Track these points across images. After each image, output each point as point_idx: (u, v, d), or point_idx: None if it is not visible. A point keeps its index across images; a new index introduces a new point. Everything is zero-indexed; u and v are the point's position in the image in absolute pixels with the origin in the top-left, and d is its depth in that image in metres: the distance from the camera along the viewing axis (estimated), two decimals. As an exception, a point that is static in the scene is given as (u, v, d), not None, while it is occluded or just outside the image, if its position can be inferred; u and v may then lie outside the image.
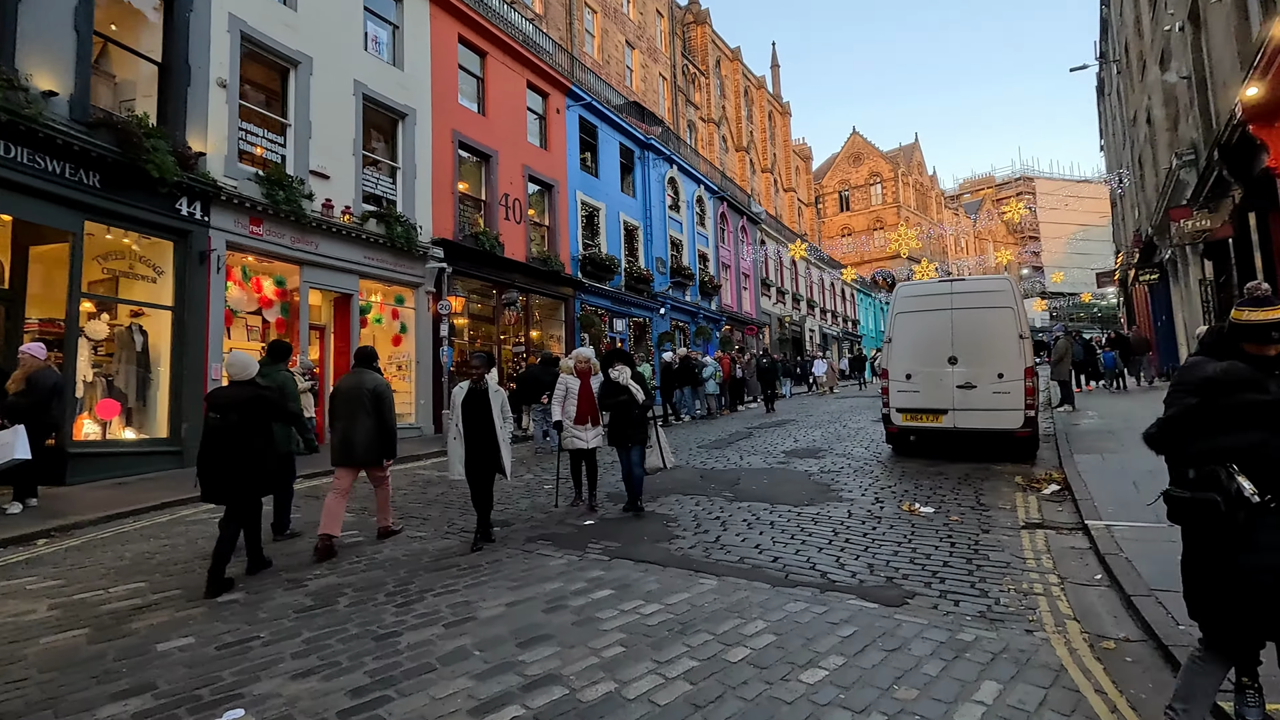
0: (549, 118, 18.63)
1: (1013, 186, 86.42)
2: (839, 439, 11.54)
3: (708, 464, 9.46)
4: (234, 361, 4.87)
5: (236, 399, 4.67)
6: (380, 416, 5.65)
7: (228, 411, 4.62)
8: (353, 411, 5.62)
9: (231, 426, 4.58)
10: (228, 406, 4.65)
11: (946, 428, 8.89)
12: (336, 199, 12.09)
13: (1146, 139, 17.78)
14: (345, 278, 12.30)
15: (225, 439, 4.58)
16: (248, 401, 4.70)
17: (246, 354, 4.98)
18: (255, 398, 4.75)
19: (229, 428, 4.58)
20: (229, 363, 4.89)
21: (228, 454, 4.57)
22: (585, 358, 7.06)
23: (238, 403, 4.66)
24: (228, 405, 4.65)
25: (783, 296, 36.70)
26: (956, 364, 8.83)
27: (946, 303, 9.02)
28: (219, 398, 4.76)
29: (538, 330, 17.97)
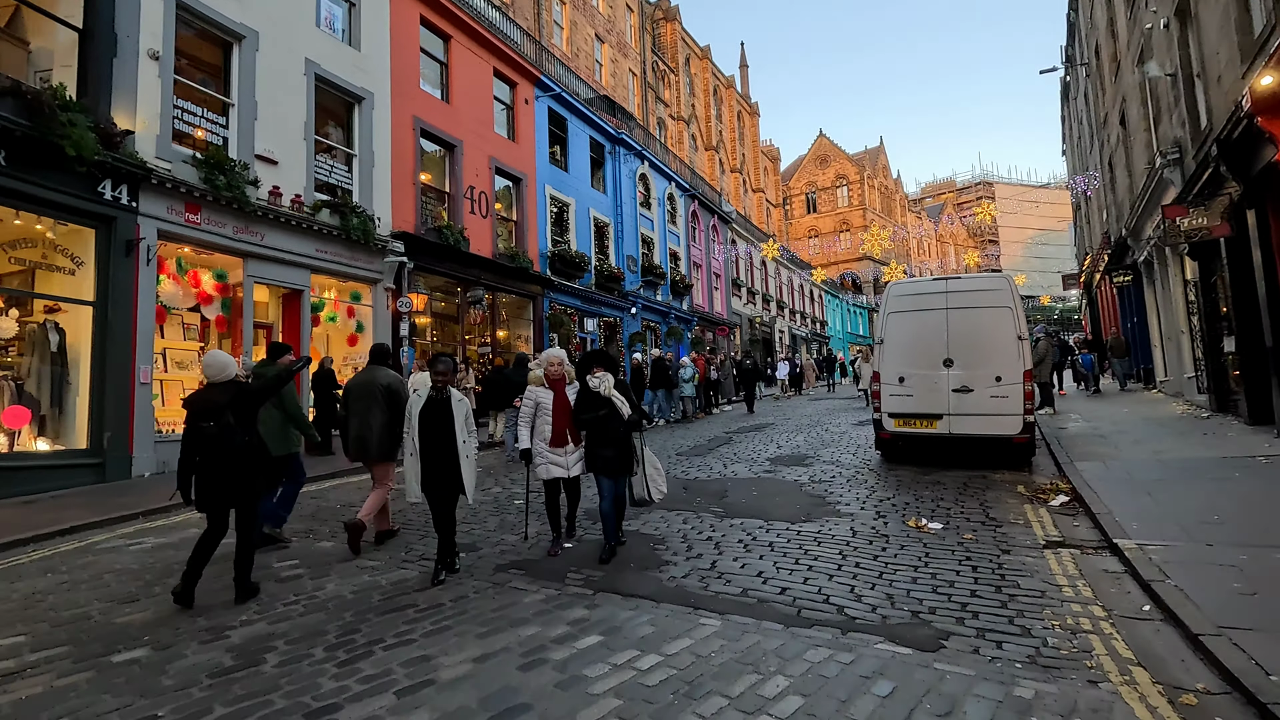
0: (517, 108, 17.82)
1: (973, 191, 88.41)
2: (824, 444, 11.03)
3: (690, 473, 8.84)
4: (211, 362, 4.60)
5: (219, 402, 4.44)
6: (395, 412, 5.60)
7: (216, 415, 4.40)
8: (366, 407, 5.67)
9: (221, 431, 4.38)
10: (213, 411, 4.41)
11: (941, 434, 8.43)
12: (285, 186, 11.14)
13: (1119, 141, 17.79)
14: (295, 272, 11.35)
15: (216, 444, 4.37)
16: (233, 401, 4.48)
17: (224, 353, 4.76)
18: (239, 395, 4.55)
19: (219, 433, 4.38)
20: (206, 364, 4.64)
21: (222, 459, 4.37)
22: (558, 360, 5.53)
23: (223, 406, 4.43)
24: (214, 409, 4.41)
25: (753, 297, 36.39)
26: (952, 366, 8.37)
27: (941, 302, 8.55)
28: (201, 403, 4.49)
29: (504, 330, 17.14)
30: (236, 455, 4.41)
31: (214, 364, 4.59)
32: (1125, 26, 15.31)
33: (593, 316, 20.47)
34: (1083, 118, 25.80)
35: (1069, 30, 26.33)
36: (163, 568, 5.21)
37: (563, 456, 5.40)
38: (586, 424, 5.29)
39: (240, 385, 4.70)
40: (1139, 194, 15.15)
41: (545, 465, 5.37)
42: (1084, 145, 26.49)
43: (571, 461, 5.42)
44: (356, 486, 8.67)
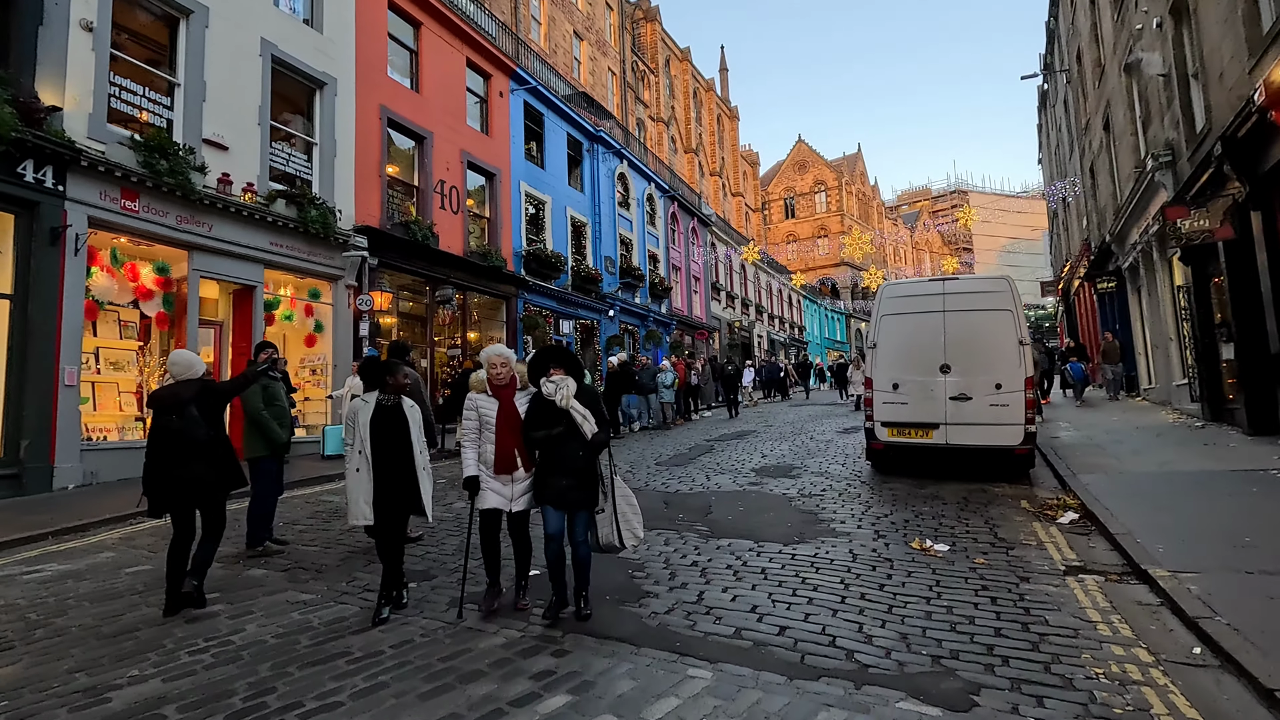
0: (491, 101, 17.13)
1: (948, 199, 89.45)
2: (809, 454, 10.51)
3: (671, 486, 8.23)
4: (177, 360, 4.55)
5: (184, 396, 4.34)
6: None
7: (179, 409, 4.30)
8: None
9: (184, 424, 4.28)
10: (176, 405, 4.30)
11: (938, 444, 7.93)
12: (237, 174, 10.33)
13: (1102, 146, 17.65)
14: (247, 266, 10.54)
15: (179, 438, 4.26)
16: (197, 396, 4.38)
17: (190, 352, 4.76)
18: (204, 391, 4.46)
19: (182, 426, 4.27)
20: (172, 361, 4.57)
21: (184, 454, 4.26)
22: (501, 360, 4.24)
23: (187, 400, 4.33)
24: (176, 404, 4.31)
25: (733, 301, 36.00)
26: (949, 373, 7.89)
27: (938, 304, 8.07)
28: (165, 398, 4.37)
29: (475, 331, 16.40)
30: (199, 449, 4.28)
31: (180, 361, 4.52)
32: (1111, 30, 15.12)
33: (569, 319, 19.81)
34: (1062, 125, 25.82)
35: (1048, 38, 26.36)
36: (55, 604, 4.45)
37: (506, 485, 4.16)
38: (540, 443, 4.08)
39: (206, 382, 4.58)
40: (1125, 199, 14.94)
41: (484, 493, 4.17)
42: (1063, 152, 26.52)
43: (518, 492, 4.18)
44: (305, 500, 7.92)
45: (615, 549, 4.23)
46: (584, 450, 4.06)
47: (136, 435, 9.48)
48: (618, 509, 4.22)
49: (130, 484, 8.64)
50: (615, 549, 4.23)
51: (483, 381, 4.33)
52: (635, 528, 4.29)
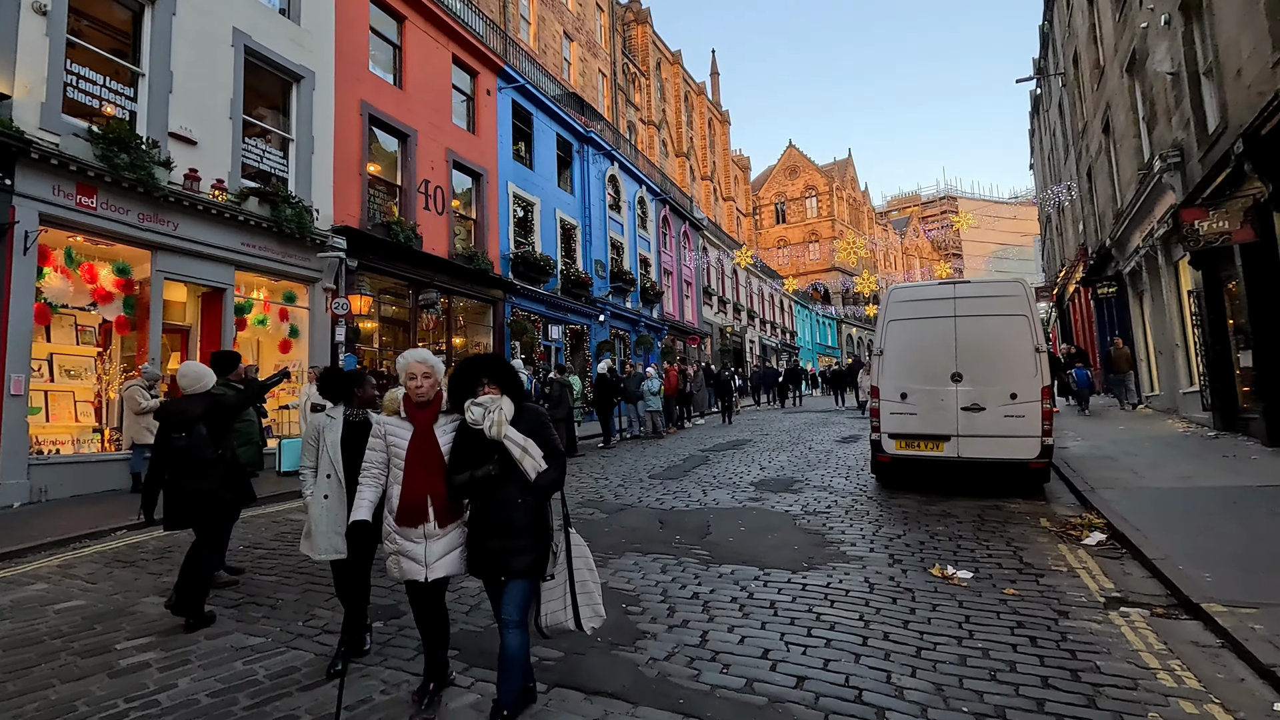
0: (478, 99, 16.62)
1: (937, 205, 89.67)
2: (809, 465, 10.04)
3: (665, 502, 7.72)
4: (186, 372, 4.47)
5: (193, 413, 4.28)
6: None
7: (187, 427, 4.24)
8: None
9: (192, 443, 4.22)
10: (185, 422, 4.25)
11: (949, 457, 7.48)
12: (206, 170, 9.76)
13: (1100, 149, 17.37)
14: (216, 268, 9.95)
15: (186, 457, 4.20)
16: (207, 413, 4.31)
17: (200, 364, 4.66)
18: (213, 407, 4.38)
19: (190, 445, 4.22)
20: (181, 374, 4.48)
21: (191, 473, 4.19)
22: (424, 369, 3.13)
23: (196, 417, 4.26)
24: (186, 421, 4.25)
25: (724, 306, 35.60)
26: (961, 381, 7.45)
27: (949, 308, 7.63)
28: (173, 414, 4.32)
29: (461, 337, 15.85)
30: (206, 467, 4.21)
31: (189, 374, 4.45)
32: (1112, 30, 14.83)
33: (558, 323, 19.29)
34: (1056, 129, 25.63)
35: (1042, 41, 26.20)
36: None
37: (419, 543, 3.01)
38: (467, 489, 2.99)
39: (215, 397, 4.49)
40: (1128, 203, 14.63)
41: (393, 557, 3.09)
42: (1057, 157, 26.32)
43: (434, 554, 3.02)
44: (270, 520, 7.34)
45: (565, 630, 3.09)
46: (525, 495, 2.95)
47: (94, 448, 8.88)
48: (574, 575, 3.06)
49: (84, 501, 8.07)
50: (565, 630, 3.09)
51: (398, 400, 3.19)
52: (596, 601, 3.13)
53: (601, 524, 6.70)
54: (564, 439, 12.13)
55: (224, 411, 4.46)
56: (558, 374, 12.53)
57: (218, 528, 4.38)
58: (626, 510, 7.34)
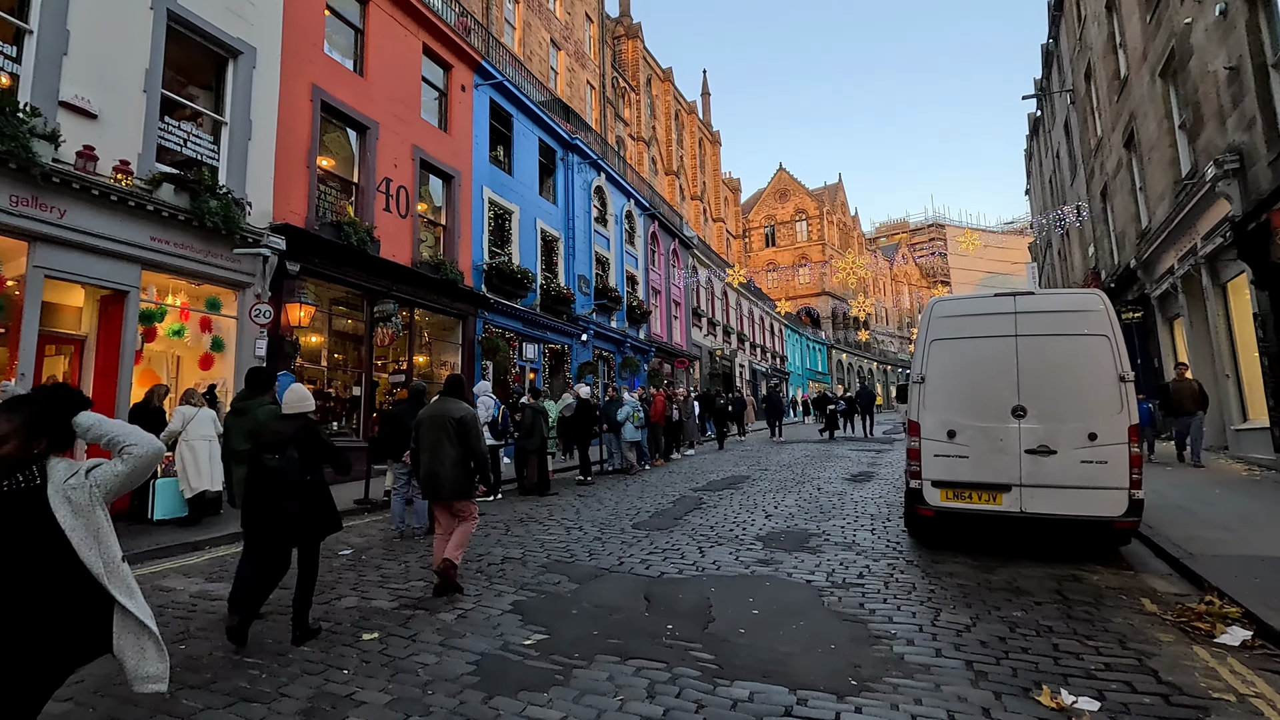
0: (452, 95, 15.18)
1: (926, 232, 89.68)
2: (823, 512, 8.46)
3: (652, 564, 6.09)
4: (292, 394, 4.52)
5: (285, 434, 4.32)
6: (467, 445, 5.33)
7: (280, 448, 4.26)
8: (437, 440, 5.33)
9: (284, 464, 4.22)
10: (278, 443, 4.28)
11: (1009, 512, 5.95)
12: (107, 149, 8.16)
13: (1122, 164, 16.23)
14: (116, 266, 8.29)
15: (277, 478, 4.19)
16: (298, 435, 4.33)
17: (303, 387, 4.68)
18: (306, 429, 4.41)
19: (281, 466, 4.21)
20: (287, 395, 4.52)
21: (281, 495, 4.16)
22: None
23: (288, 439, 4.29)
24: (278, 442, 4.28)
25: (714, 328, 34.19)
26: (1025, 417, 5.95)
27: (1008, 326, 6.16)
28: (266, 434, 4.41)
29: (424, 354, 14.22)
30: (295, 489, 4.21)
31: (293, 395, 4.52)
32: (1140, 35, 13.72)
33: (535, 342, 17.69)
34: (1061, 149, 24.67)
35: (1045, 60, 25.38)
36: None
37: None
38: None
39: (309, 420, 4.54)
40: (1159, 220, 13.40)
41: None
42: (1061, 179, 25.35)
43: None
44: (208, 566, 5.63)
45: None
46: None
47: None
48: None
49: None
50: None
51: None
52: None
53: (568, 601, 5.06)
54: (535, 474, 10.48)
55: (315, 439, 4.44)
56: (531, 399, 10.91)
57: (314, 549, 4.37)
58: (603, 578, 5.71)
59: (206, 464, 7.70)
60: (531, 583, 5.55)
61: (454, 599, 5.11)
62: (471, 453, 5.30)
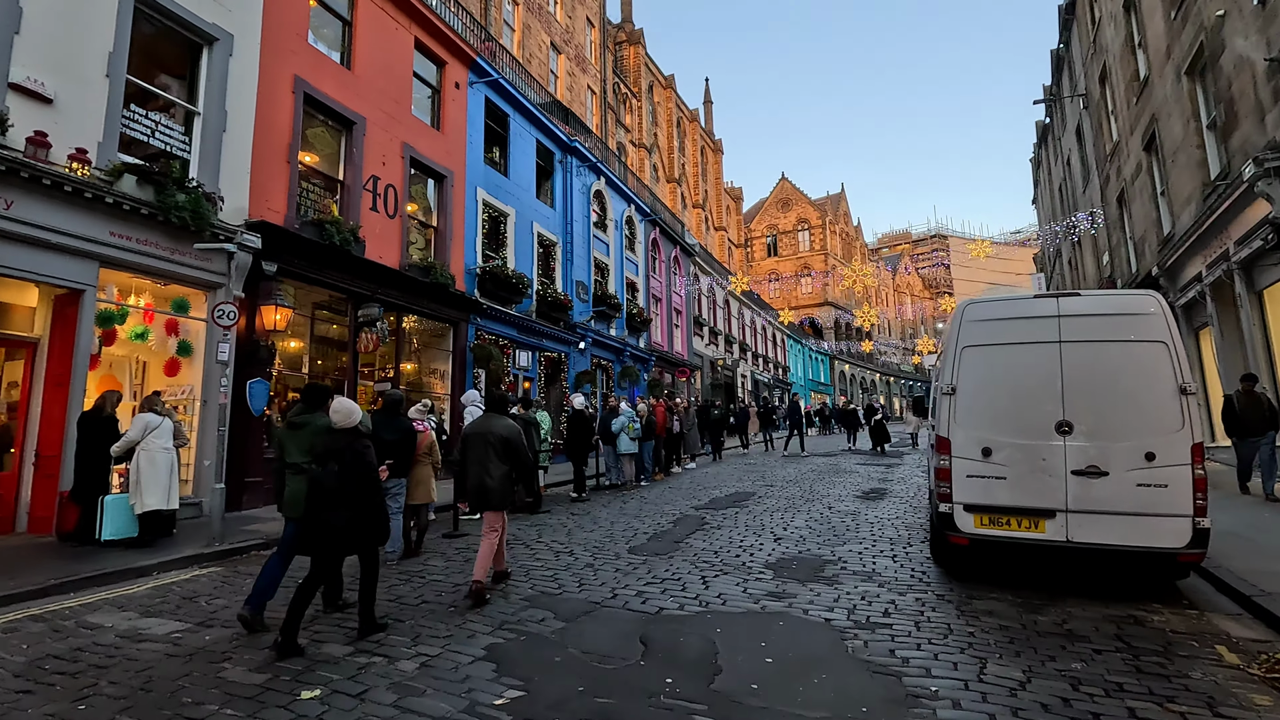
0: (445, 92, 14.60)
1: (929, 243, 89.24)
2: (837, 535, 7.76)
3: (650, 599, 5.38)
4: (339, 408, 4.62)
5: (339, 447, 4.47)
6: (513, 460, 5.57)
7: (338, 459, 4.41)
8: (484, 455, 5.53)
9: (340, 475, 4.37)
10: (328, 454, 4.44)
11: (1053, 542, 5.25)
12: (63, 136, 7.54)
13: (1141, 168, 15.62)
14: (70, 262, 7.65)
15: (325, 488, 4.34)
16: (347, 448, 4.47)
17: (350, 401, 4.81)
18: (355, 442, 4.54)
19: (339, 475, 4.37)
20: (334, 409, 4.63)
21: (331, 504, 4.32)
22: None
23: (342, 451, 4.45)
24: (328, 453, 4.45)
25: (716, 338, 33.54)
26: (1070, 434, 5.27)
27: (1051, 330, 5.49)
28: (319, 446, 4.58)
29: (413, 362, 13.55)
30: (344, 498, 4.35)
31: (340, 410, 4.60)
32: (1164, 32, 13.14)
33: (531, 349, 17.02)
34: (1072, 157, 24.10)
35: (1056, 66, 24.87)
36: None
37: None
38: None
39: (358, 434, 4.62)
40: (1185, 225, 12.76)
41: None
42: (1073, 186, 24.77)
43: None
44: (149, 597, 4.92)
45: None
46: None
47: None
48: None
49: None
50: None
51: None
52: None
53: (552, 646, 4.36)
54: (525, 490, 9.78)
55: (363, 448, 4.55)
56: (522, 409, 10.23)
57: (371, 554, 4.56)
58: (594, 615, 5.01)
59: (165, 478, 7.03)
60: (512, 620, 4.85)
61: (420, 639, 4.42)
62: (518, 466, 5.60)
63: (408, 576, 6.06)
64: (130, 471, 6.86)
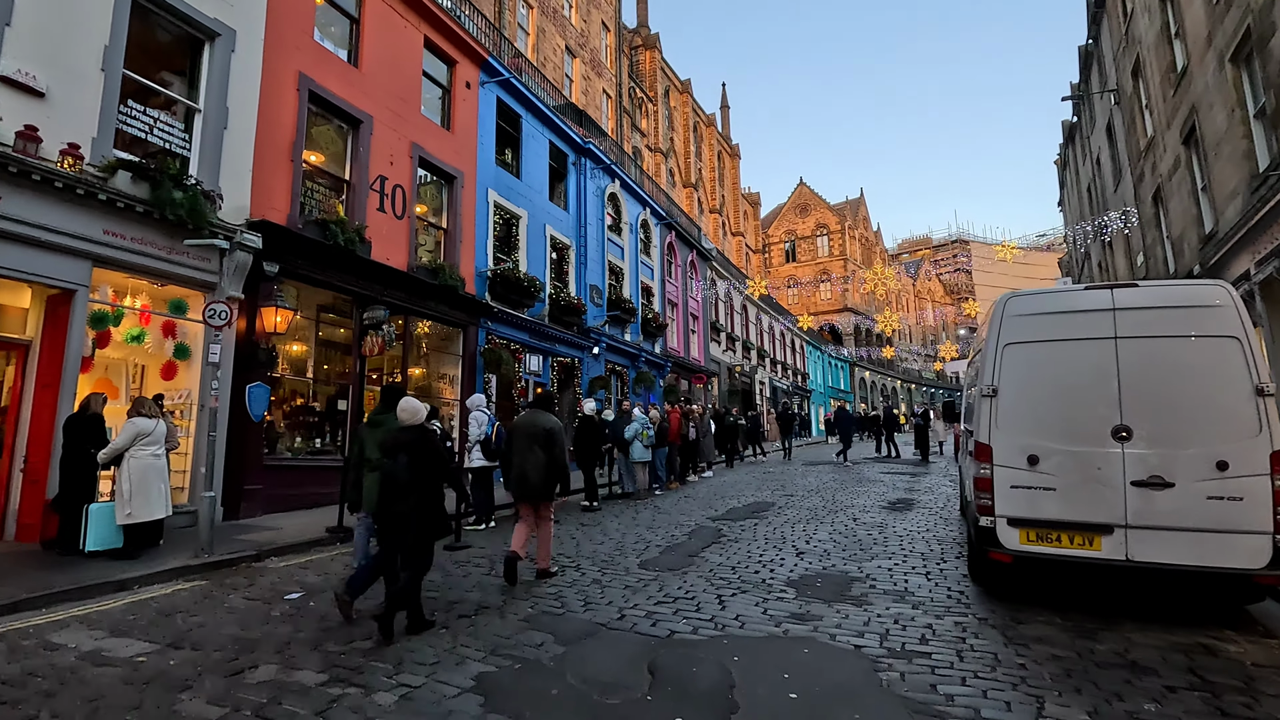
0: (455, 92, 14.33)
1: (949, 249, 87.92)
2: (864, 549, 7.23)
3: (661, 619, 4.91)
4: (406, 406, 4.95)
5: (405, 441, 4.71)
6: (551, 453, 5.93)
7: (395, 453, 4.68)
8: (529, 446, 5.94)
9: (397, 469, 4.61)
10: (394, 449, 4.70)
11: (1111, 560, 4.71)
12: (54, 131, 7.29)
13: (1179, 163, 14.90)
14: (62, 261, 7.38)
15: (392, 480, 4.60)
16: (414, 443, 4.71)
17: (416, 400, 5.09)
18: (421, 438, 4.76)
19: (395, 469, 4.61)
20: (401, 408, 4.95)
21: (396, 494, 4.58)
22: None
23: (409, 444, 4.69)
24: (395, 447, 4.70)
25: (733, 344, 32.98)
26: (1129, 440, 4.73)
27: (1105, 325, 4.96)
28: (387, 441, 4.84)
29: (421, 366, 13.23)
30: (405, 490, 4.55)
31: (407, 408, 4.91)
32: (1205, 18, 12.49)
33: (544, 354, 16.64)
34: (1102, 154, 23.32)
35: (1084, 62, 24.13)
36: None
37: None
38: None
39: (424, 430, 4.84)
40: (1231, 221, 12.06)
41: None
42: (1102, 186, 23.97)
43: None
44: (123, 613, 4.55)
45: None
46: None
47: None
48: None
49: None
50: None
51: None
52: None
53: (550, 674, 3.91)
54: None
55: (428, 446, 4.71)
56: (530, 414, 9.80)
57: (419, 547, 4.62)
58: (598, 637, 4.55)
59: (153, 487, 6.68)
60: (507, 644, 4.41)
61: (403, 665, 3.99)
62: (554, 460, 5.98)
63: (401, 592, 5.63)
64: (116, 479, 6.54)
